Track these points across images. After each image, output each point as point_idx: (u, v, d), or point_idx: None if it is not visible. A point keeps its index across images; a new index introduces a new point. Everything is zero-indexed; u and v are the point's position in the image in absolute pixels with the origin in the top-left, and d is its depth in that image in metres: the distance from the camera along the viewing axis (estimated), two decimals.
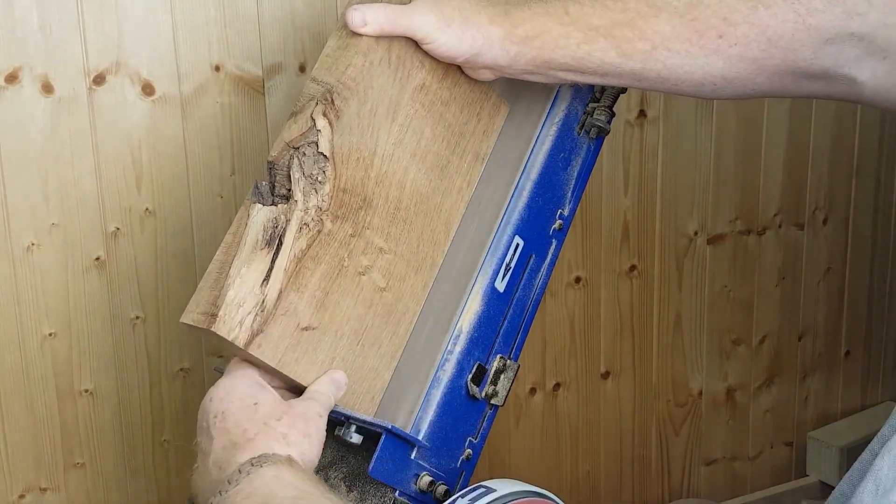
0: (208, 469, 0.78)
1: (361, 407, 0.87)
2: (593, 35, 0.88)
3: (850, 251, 1.73)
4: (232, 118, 1.23)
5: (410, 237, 0.91)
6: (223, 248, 0.84)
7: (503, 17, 0.89)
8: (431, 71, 0.92)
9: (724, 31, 0.88)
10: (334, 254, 0.85)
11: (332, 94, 0.86)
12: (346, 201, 0.86)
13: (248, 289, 0.80)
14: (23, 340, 1.20)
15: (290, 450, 0.77)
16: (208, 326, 0.80)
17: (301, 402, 0.81)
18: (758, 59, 0.88)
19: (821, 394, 1.77)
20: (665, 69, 0.90)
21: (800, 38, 0.87)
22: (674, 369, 1.62)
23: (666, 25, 0.88)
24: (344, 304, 0.86)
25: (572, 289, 1.51)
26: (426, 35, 0.89)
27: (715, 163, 1.56)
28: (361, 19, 0.88)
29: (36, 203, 1.17)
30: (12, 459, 1.22)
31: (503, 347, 0.94)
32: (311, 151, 0.85)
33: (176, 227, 1.24)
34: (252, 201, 0.84)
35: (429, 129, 0.92)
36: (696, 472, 1.69)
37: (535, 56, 0.89)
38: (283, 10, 1.23)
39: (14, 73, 1.13)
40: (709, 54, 0.88)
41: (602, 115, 1.02)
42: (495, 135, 0.99)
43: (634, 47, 0.88)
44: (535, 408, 1.53)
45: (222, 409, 0.80)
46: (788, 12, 0.87)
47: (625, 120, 1.48)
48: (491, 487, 0.82)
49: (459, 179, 0.95)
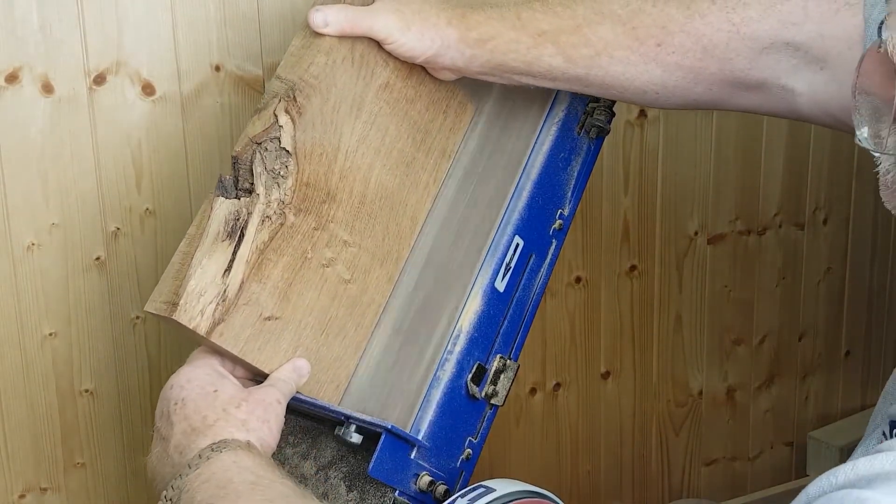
0: (168, 454, 0.81)
1: (326, 395, 0.89)
2: (541, 40, 0.90)
3: (850, 251, 1.73)
4: (232, 118, 1.23)
5: (375, 231, 0.93)
6: (186, 240, 0.86)
7: (459, 20, 0.91)
8: (396, 69, 0.94)
9: (663, 40, 0.89)
10: (297, 246, 0.87)
11: (295, 92, 0.88)
12: (310, 195, 0.88)
13: (209, 279, 0.83)
14: (23, 340, 1.20)
15: (249, 436, 0.79)
16: (169, 315, 0.82)
17: (260, 390, 0.83)
18: (695, 68, 0.90)
19: (821, 394, 1.77)
20: (608, 76, 0.91)
21: (735, 47, 0.88)
22: (674, 369, 1.62)
23: (609, 32, 0.89)
24: (307, 295, 0.88)
25: (572, 289, 1.51)
26: (387, 36, 0.91)
27: (715, 163, 1.56)
28: (323, 20, 0.90)
29: (36, 203, 1.17)
30: (12, 459, 1.22)
31: (503, 347, 0.94)
32: (274, 147, 0.87)
33: (176, 227, 1.24)
34: (215, 195, 0.86)
35: (393, 126, 0.94)
36: (696, 472, 1.69)
37: (489, 59, 0.92)
38: (284, 10, 1.23)
39: (14, 73, 1.13)
40: (648, 62, 0.90)
41: (602, 115, 1.02)
42: (462, 132, 1.01)
43: (579, 53, 0.90)
44: (535, 408, 1.53)
45: (182, 396, 0.82)
46: (723, 22, 0.88)
47: (625, 120, 1.48)
48: (491, 487, 0.82)
49: (425, 175, 0.97)
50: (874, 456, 0.60)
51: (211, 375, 0.84)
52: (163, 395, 0.84)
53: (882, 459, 0.60)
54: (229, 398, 0.82)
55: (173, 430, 0.81)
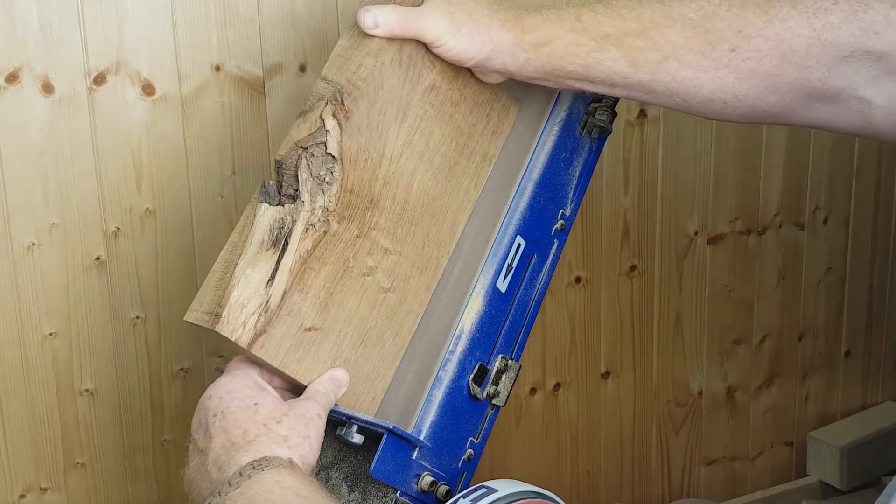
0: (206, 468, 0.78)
1: (362, 407, 0.87)
2: (605, 43, 0.87)
3: (850, 251, 1.73)
4: (232, 118, 1.23)
5: (416, 238, 0.90)
6: (229, 247, 0.83)
7: (514, 23, 0.88)
8: (442, 71, 0.91)
9: (738, 45, 0.85)
10: (339, 255, 0.85)
11: (343, 95, 0.85)
12: (353, 202, 0.85)
13: (252, 289, 0.80)
14: (23, 340, 1.20)
15: (290, 453, 0.77)
16: (212, 326, 0.80)
17: (300, 403, 0.81)
18: (770, 75, 0.86)
19: (821, 394, 1.77)
20: (674, 81, 0.87)
21: (814, 53, 0.85)
22: (674, 369, 1.62)
23: (678, 36, 0.86)
24: (348, 304, 0.85)
25: (572, 289, 1.51)
26: (436, 38, 0.88)
27: (715, 163, 1.56)
28: (373, 21, 0.87)
29: (36, 203, 1.17)
30: (12, 459, 1.22)
31: (505, 347, 0.94)
32: (320, 152, 0.84)
33: (176, 227, 1.24)
34: (259, 200, 0.83)
35: (438, 129, 0.92)
36: (696, 472, 1.69)
37: (545, 63, 0.88)
38: (283, 10, 1.23)
39: (14, 73, 1.13)
40: (720, 68, 0.86)
41: (604, 115, 1.02)
42: (504, 136, 0.98)
43: (645, 57, 0.87)
44: (536, 408, 1.53)
45: (222, 409, 0.79)
46: (804, 27, 0.84)
47: (625, 120, 1.48)
48: (492, 488, 0.82)
49: (466, 180, 0.95)
50: None
51: (251, 387, 0.81)
52: (200, 405, 0.81)
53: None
54: (270, 412, 0.79)
55: (212, 443, 0.78)
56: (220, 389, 0.81)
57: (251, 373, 0.82)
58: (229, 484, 0.74)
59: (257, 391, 0.81)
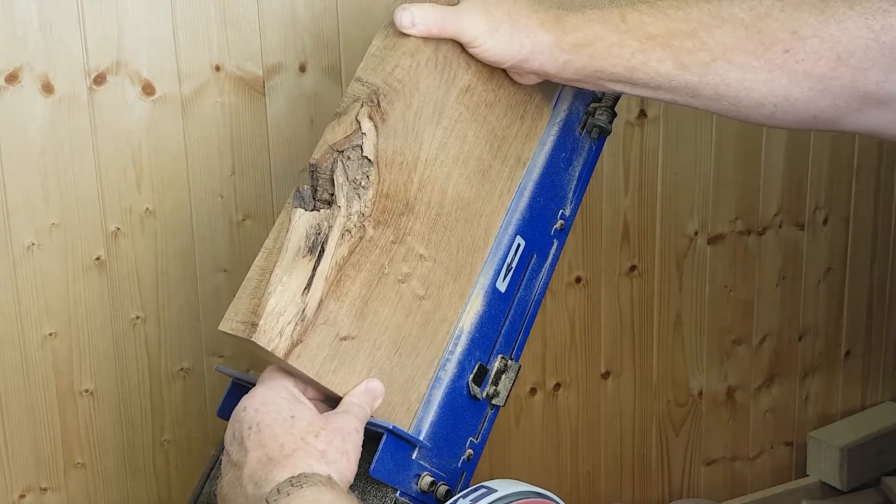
0: (242, 483, 0.75)
1: (397, 419, 0.85)
2: (650, 44, 0.84)
3: (850, 251, 1.73)
4: (232, 118, 1.23)
5: (450, 244, 0.88)
6: (263, 254, 0.81)
7: (554, 23, 0.85)
8: (477, 72, 0.89)
9: (792, 45, 0.83)
10: (375, 261, 0.82)
11: (378, 96, 0.83)
12: (389, 207, 0.83)
13: (289, 297, 0.78)
14: (23, 340, 1.20)
15: (329, 469, 0.75)
16: (248, 336, 0.77)
17: (338, 417, 0.79)
18: (825, 78, 0.83)
19: (821, 394, 1.77)
20: (723, 84, 0.85)
21: (872, 56, 0.82)
22: (674, 369, 1.62)
23: (729, 36, 0.83)
24: (383, 312, 0.83)
25: (572, 289, 1.51)
26: (474, 38, 0.86)
27: (715, 163, 1.56)
28: (410, 20, 0.84)
29: (36, 203, 1.17)
30: (12, 459, 1.22)
31: (504, 348, 0.94)
32: (356, 155, 0.82)
33: (176, 227, 1.24)
34: (293, 206, 0.81)
35: (472, 132, 0.89)
36: (696, 472, 1.69)
37: (586, 65, 0.86)
38: (283, 10, 1.23)
39: (14, 73, 1.13)
40: (773, 69, 0.83)
41: (603, 115, 1.02)
42: (538, 138, 0.96)
43: (694, 58, 0.84)
44: (535, 408, 1.53)
45: (257, 421, 0.77)
46: (861, 28, 0.82)
47: (625, 120, 1.48)
48: (492, 488, 0.81)
49: (500, 184, 0.93)
50: None
51: (288, 399, 0.78)
52: (236, 417, 0.78)
53: None
54: (307, 426, 0.76)
55: (247, 457, 0.75)
56: (255, 401, 0.78)
57: (287, 384, 0.80)
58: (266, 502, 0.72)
59: (294, 403, 0.78)
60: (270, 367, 0.82)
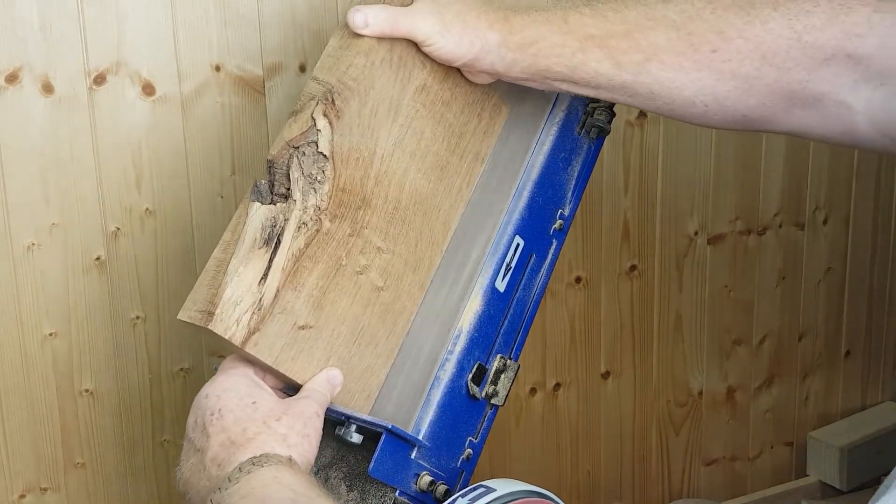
0: (205, 466, 0.78)
1: (357, 405, 0.87)
2: (589, 45, 0.87)
3: (850, 251, 1.73)
4: (232, 118, 1.23)
5: (409, 237, 0.91)
6: (221, 246, 0.84)
7: (502, 23, 0.88)
8: (433, 71, 0.92)
9: (719, 46, 0.86)
10: (332, 253, 0.85)
11: (333, 94, 0.86)
12: (345, 201, 0.86)
13: (245, 287, 0.81)
14: (23, 340, 1.20)
15: (290, 451, 0.77)
16: (205, 324, 0.80)
17: (298, 402, 0.81)
18: (750, 77, 0.86)
19: (821, 394, 1.77)
20: (656, 83, 0.88)
21: (795, 56, 0.85)
22: (674, 369, 1.62)
23: (661, 37, 0.86)
24: (341, 303, 0.86)
25: (572, 289, 1.51)
26: (426, 38, 0.89)
27: (715, 163, 1.57)
28: (363, 20, 0.88)
29: (36, 203, 1.17)
30: (12, 459, 1.22)
31: (503, 347, 0.94)
32: (311, 151, 0.85)
33: (176, 227, 1.24)
34: (251, 200, 0.84)
35: (429, 129, 0.92)
36: (696, 472, 1.69)
37: (531, 64, 0.89)
38: (283, 10, 1.23)
39: (14, 73, 1.13)
40: (701, 69, 0.86)
41: (602, 115, 1.02)
42: (496, 135, 0.99)
43: (628, 58, 0.87)
44: (535, 408, 1.53)
45: (219, 407, 0.79)
46: (785, 28, 0.84)
47: (625, 120, 1.48)
48: (491, 487, 0.82)
49: (459, 180, 0.95)
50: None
51: (249, 386, 0.81)
52: (196, 404, 0.81)
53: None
54: (269, 410, 0.79)
55: (210, 441, 0.78)
56: (216, 388, 0.81)
57: (247, 370, 0.83)
58: (229, 479, 0.74)
59: (255, 389, 0.81)
60: (231, 357, 0.85)
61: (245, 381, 0.81)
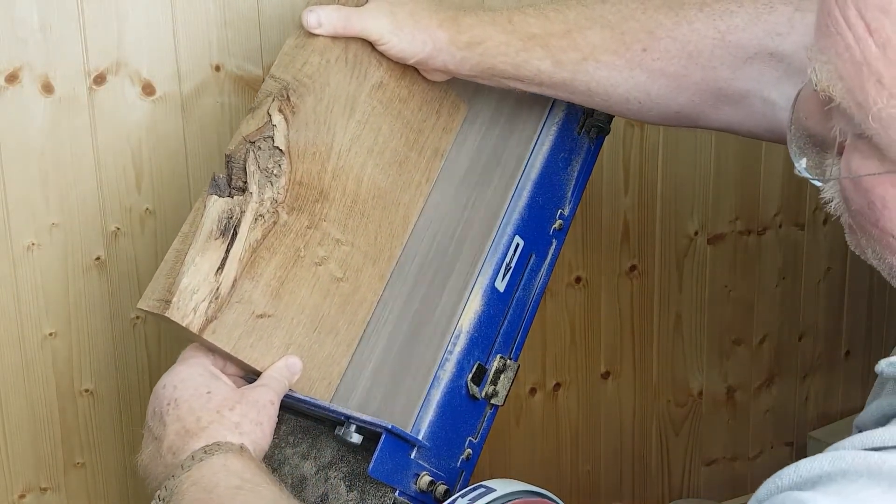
0: (161, 454, 0.82)
1: (317, 392, 0.90)
2: (532, 44, 0.91)
3: (850, 251, 1.72)
4: (232, 118, 1.23)
5: (368, 229, 0.93)
6: (180, 238, 0.87)
7: (451, 23, 0.92)
8: (389, 70, 0.95)
9: (648, 45, 0.89)
10: (290, 244, 0.88)
11: (289, 91, 0.89)
12: (303, 194, 0.88)
13: (202, 276, 0.83)
14: (23, 340, 1.20)
15: (242, 439, 0.80)
16: (162, 312, 0.83)
17: (254, 391, 0.84)
18: (678, 76, 0.90)
19: (821, 394, 1.77)
20: (593, 81, 0.91)
21: (719, 55, 0.88)
22: (674, 369, 1.62)
23: (597, 36, 0.90)
24: (300, 293, 0.88)
25: (572, 289, 1.51)
26: (379, 37, 0.93)
27: (715, 163, 1.57)
28: (316, 20, 0.91)
29: (36, 203, 1.17)
30: (12, 459, 1.22)
31: (503, 347, 0.94)
32: (267, 146, 0.87)
33: (176, 227, 1.22)
34: (209, 193, 0.86)
35: (386, 125, 0.95)
36: (696, 472, 1.69)
37: (479, 62, 0.93)
38: (284, 10, 1.23)
39: (14, 73, 1.13)
40: (633, 67, 0.90)
41: (602, 115, 1.02)
42: (454, 132, 1.01)
43: (567, 56, 0.91)
44: (535, 408, 1.53)
45: (175, 397, 0.83)
46: (709, 28, 0.88)
47: (625, 120, 1.48)
48: (491, 487, 0.82)
49: (418, 175, 0.98)
50: (815, 458, 0.62)
51: (204, 376, 0.84)
52: (155, 393, 0.85)
53: (821, 460, 0.62)
54: (223, 400, 0.82)
55: (166, 430, 0.82)
56: (174, 378, 0.84)
57: (205, 361, 0.86)
58: (182, 467, 0.78)
59: (210, 379, 0.84)
60: (191, 346, 0.88)
61: (201, 371, 0.84)
